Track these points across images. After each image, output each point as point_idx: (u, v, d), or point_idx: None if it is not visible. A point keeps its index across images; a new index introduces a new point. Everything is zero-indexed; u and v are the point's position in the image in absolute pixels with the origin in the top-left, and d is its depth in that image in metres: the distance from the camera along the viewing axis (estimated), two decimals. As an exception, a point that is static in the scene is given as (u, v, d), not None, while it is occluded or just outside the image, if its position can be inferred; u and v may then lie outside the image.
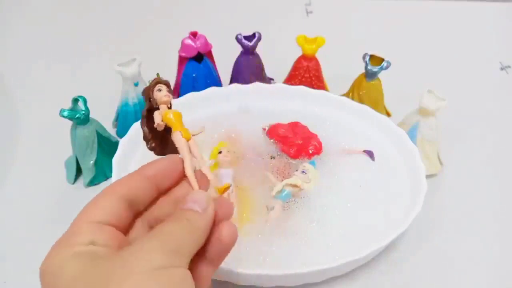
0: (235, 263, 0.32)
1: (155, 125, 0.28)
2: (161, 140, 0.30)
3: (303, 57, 0.49)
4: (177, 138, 0.28)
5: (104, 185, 0.44)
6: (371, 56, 0.46)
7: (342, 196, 0.39)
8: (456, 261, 0.38)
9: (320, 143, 0.42)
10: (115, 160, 0.39)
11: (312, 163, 0.39)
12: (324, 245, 0.35)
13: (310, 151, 0.41)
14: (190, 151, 0.28)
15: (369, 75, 0.47)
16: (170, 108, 0.30)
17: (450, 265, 0.37)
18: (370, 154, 0.42)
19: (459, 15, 0.73)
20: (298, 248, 0.35)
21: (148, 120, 0.29)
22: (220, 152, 0.40)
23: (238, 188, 0.38)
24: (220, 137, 0.43)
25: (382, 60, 0.46)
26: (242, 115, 0.46)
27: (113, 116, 0.49)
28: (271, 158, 0.41)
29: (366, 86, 0.48)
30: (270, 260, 0.34)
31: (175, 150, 0.28)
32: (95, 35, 0.67)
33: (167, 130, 0.29)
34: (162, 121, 0.28)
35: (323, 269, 0.32)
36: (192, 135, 0.29)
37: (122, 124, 0.47)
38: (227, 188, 0.28)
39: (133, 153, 0.41)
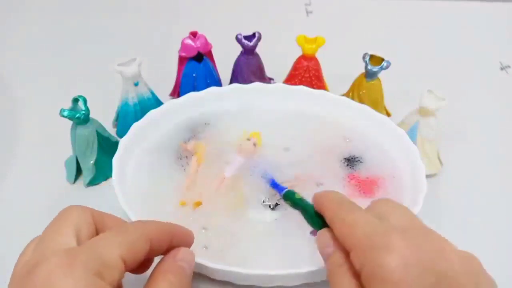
0: (235, 263, 0.32)
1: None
2: None
3: (303, 57, 0.49)
4: (192, 161, 0.41)
5: (104, 185, 0.44)
6: (371, 56, 0.46)
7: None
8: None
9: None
10: (115, 160, 0.39)
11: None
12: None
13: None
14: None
15: (369, 75, 0.47)
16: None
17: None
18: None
19: (459, 15, 0.73)
20: (297, 247, 0.35)
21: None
22: (248, 139, 0.43)
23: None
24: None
25: (382, 60, 0.46)
26: (242, 116, 0.47)
27: (113, 116, 0.49)
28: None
29: (366, 86, 0.47)
30: (270, 259, 0.34)
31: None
32: (95, 35, 0.67)
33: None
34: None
35: (323, 269, 0.32)
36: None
37: (122, 124, 0.47)
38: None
39: (133, 153, 0.41)
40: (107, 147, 0.43)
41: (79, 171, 0.43)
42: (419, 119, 0.43)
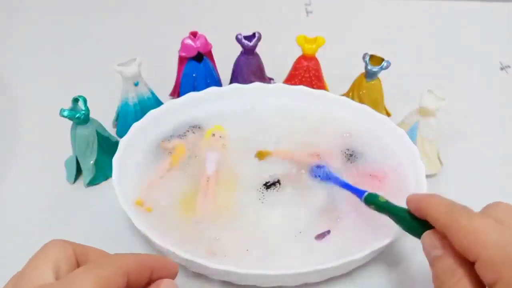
0: (235, 263, 0.32)
1: None
2: None
3: (303, 57, 0.49)
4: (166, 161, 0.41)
5: (104, 185, 0.44)
6: (371, 56, 0.46)
7: (341, 195, 0.39)
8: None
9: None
10: (115, 160, 0.39)
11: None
12: (323, 245, 0.35)
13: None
14: None
15: (369, 75, 0.47)
16: None
17: (450, 265, 0.37)
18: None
19: (459, 15, 0.73)
20: (297, 247, 0.35)
21: None
22: (213, 135, 0.43)
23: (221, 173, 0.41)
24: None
25: (382, 60, 0.46)
26: (242, 115, 0.47)
27: (113, 116, 0.49)
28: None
29: (366, 86, 0.47)
30: (271, 259, 0.34)
31: None
32: (95, 35, 0.67)
33: None
34: None
35: (323, 269, 0.32)
36: None
37: (122, 124, 0.47)
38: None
39: (133, 153, 0.41)
40: (107, 147, 0.43)
41: (79, 171, 0.43)
42: (419, 119, 0.43)
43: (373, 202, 0.33)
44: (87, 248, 0.26)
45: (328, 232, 0.36)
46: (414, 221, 0.29)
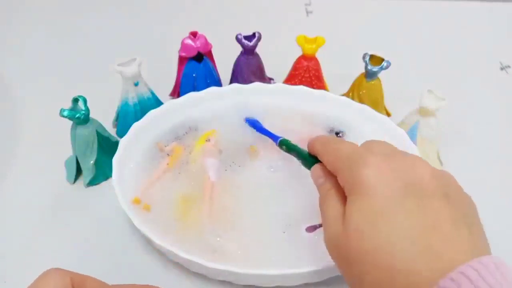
0: (235, 263, 0.32)
1: None
2: None
3: (303, 57, 0.49)
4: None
5: (104, 185, 0.44)
6: (371, 56, 0.46)
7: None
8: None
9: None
10: (115, 160, 0.39)
11: None
12: (323, 245, 0.35)
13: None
14: None
15: (369, 75, 0.47)
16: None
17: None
18: None
19: (459, 15, 0.73)
20: (297, 247, 0.35)
21: None
22: (208, 140, 0.43)
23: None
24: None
25: (382, 60, 0.46)
26: (241, 115, 0.47)
27: (113, 116, 0.49)
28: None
29: (366, 86, 0.48)
30: (270, 259, 0.34)
31: None
32: (95, 35, 0.67)
33: None
34: None
35: (323, 269, 0.32)
36: None
37: (122, 124, 0.47)
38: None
39: (133, 153, 0.41)
40: (107, 147, 0.43)
41: (79, 171, 0.43)
42: (419, 119, 0.43)
43: (286, 144, 0.38)
44: (85, 278, 0.26)
45: (320, 225, 0.36)
46: (312, 159, 0.33)
